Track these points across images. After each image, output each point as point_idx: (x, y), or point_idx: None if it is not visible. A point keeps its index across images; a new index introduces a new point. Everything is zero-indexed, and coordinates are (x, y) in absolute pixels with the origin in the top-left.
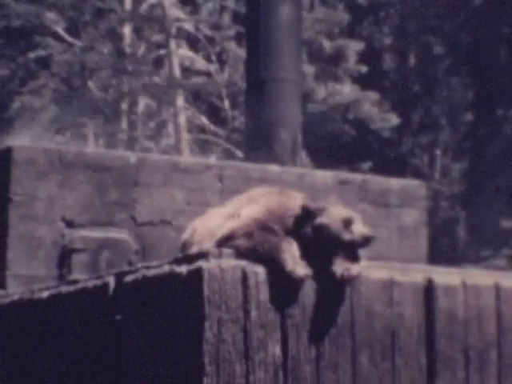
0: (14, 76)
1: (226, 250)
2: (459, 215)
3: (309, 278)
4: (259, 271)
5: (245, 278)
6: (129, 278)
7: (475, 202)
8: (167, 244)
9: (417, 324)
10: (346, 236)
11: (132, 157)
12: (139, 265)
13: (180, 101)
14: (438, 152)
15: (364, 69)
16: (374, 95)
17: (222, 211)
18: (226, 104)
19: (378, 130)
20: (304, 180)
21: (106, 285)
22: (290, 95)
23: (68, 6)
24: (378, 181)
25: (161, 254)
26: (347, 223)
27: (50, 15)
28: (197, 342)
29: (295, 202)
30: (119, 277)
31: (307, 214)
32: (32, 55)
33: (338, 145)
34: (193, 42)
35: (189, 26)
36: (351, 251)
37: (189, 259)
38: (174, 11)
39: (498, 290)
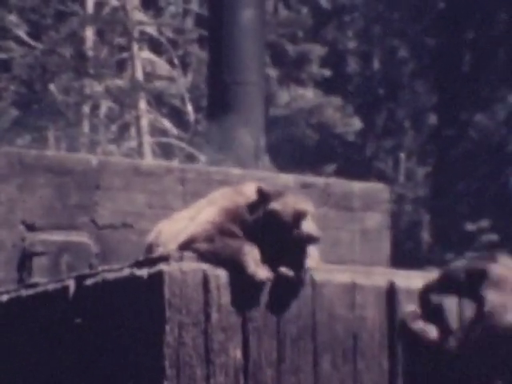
0: None
1: (187, 253)
2: (423, 219)
3: (270, 281)
4: (220, 274)
5: (206, 281)
6: (89, 282)
7: (439, 206)
8: (128, 247)
9: (379, 327)
10: (293, 231)
11: (93, 160)
12: (100, 268)
13: (142, 104)
14: (402, 156)
15: (327, 73)
16: (337, 100)
17: (187, 214)
18: (189, 107)
19: (342, 133)
20: (266, 183)
21: (66, 288)
22: (253, 99)
23: (29, 9)
24: (340, 184)
25: (122, 258)
26: (298, 216)
27: (12, 18)
28: (157, 345)
29: (248, 193)
30: (79, 280)
31: (262, 197)
32: None
33: (301, 148)
34: (156, 46)
35: (152, 30)
36: (299, 247)
37: (150, 262)
38: (137, 14)
39: None
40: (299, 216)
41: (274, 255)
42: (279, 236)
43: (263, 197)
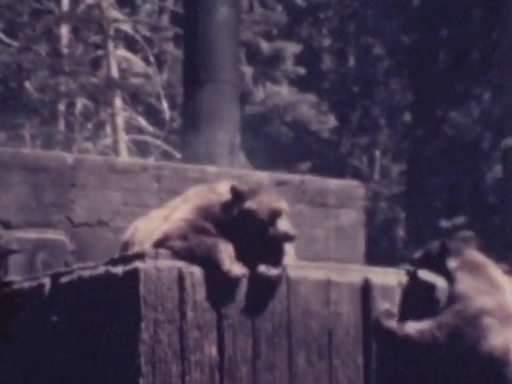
0: None
1: (163, 251)
2: (398, 216)
3: (245, 277)
4: (195, 271)
5: (181, 278)
6: (65, 279)
7: (414, 203)
8: (104, 245)
9: (354, 324)
10: (270, 229)
11: (69, 157)
12: (75, 266)
13: (118, 102)
14: (377, 153)
15: (302, 70)
16: (311, 97)
17: (163, 212)
18: (165, 105)
19: (317, 131)
20: (241, 181)
21: (41, 286)
22: (228, 96)
23: (5, 7)
24: (315, 181)
25: (97, 255)
26: (274, 215)
27: None
28: (133, 342)
29: (222, 192)
30: (55, 278)
31: (236, 196)
32: None
33: (276, 146)
34: (131, 43)
35: (127, 27)
36: (274, 245)
37: (125, 260)
38: (112, 12)
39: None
40: (275, 215)
41: (249, 252)
42: (255, 234)
43: (238, 196)
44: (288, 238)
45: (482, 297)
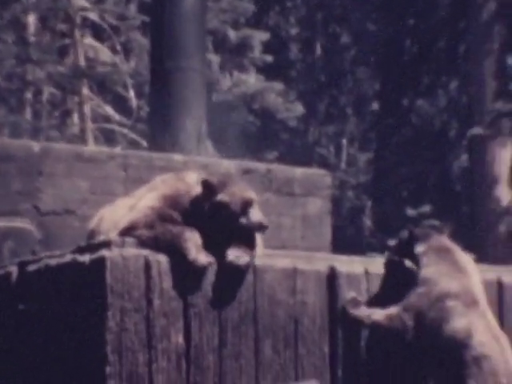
0: None
1: (129, 239)
2: (365, 204)
3: (211, 265)
4: (162, 260)
5: (147, 266)
6: (32, 268)
7: (381, 192)
8: (71, 233)
9: (320, 312)
10: (243, 220)
11: (35, 146)
12: (42, 254)
13: (85, 90)
14: (345, 142)
15: (269, 59)
16: (279, 85)
17: (128, 201)
18: (132, 94)
19: (284, 119)
20: (208, 169)
21: (9, 274)
22: (195, 85)
23: None
24: (282, 170)
25: (65, 244)
26: (246, 205)
27: None
28: (99, 330)
29: (190, 182)
30: (22, 266)
31: (207, 190)
32: None
33: (243, 134)
34: (98, 32)
35: (94, 16)
36: (246, 235)
37: (92, 248)
38: (79, 1)
39: None
40: (247, 205)
41: (218, 241)
42: (227, 225)
43: (209, 189)
44: (261, 227)
45: (447, 280)
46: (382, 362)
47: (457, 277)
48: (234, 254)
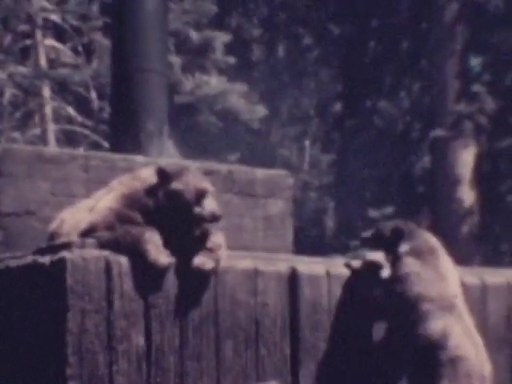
0: None
1: (90, 241)
2: (328, 206)
3: (172, 266)
4: (122, 261)
5: (108, 268)
6: None
7: (343, 193)
8: (31, 235)
9: (281, 313)
10: (196, 209)
11: None
12: (3, 255)
13: (46, 91)
14: (307, 143)
15: (232, 60)
16: (241, 87)
17: (89, 203)
18: (93, 95)
19: (247, 121)
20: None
21: None
22: (156, 86)
23: None
24: (243, 171)
25: (25, 245)
26: (200, 195)
27: None
28: (60, 332)
29: (146, 177)
30: None
31: (162, 177)
32: None
33: (205, 136)
34: (60, 33)
35: (55, 17)
36: (200, 226)
37: (52, 250)
38: (41, 1)
39: None
40: (201, 194)
41: (178, 239)
42: (181, 215)
43: (164, 177)
44: (215, 218)
45: (425, 284)
46: (350, 360)
47: (436, 281)
48: (201, 260)
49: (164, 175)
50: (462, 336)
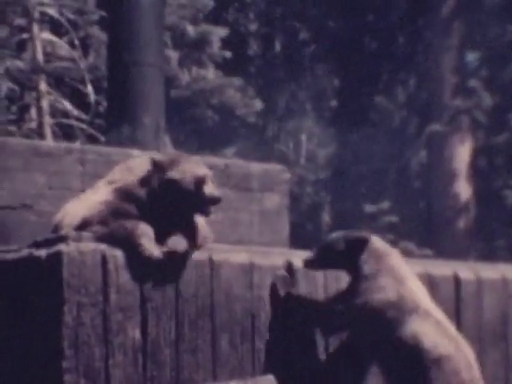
0: None
1: (86, 234)
2: (324, 200)
3: (166, 260)
4: (118, 255)
5: (104, 261)
6: None
7: (340, 188)
8: (28, 228)
9: None
10: (195, 197)
11: None
12: None
13: (43, 85)
14: (304, 138)
15: (228, 54)
16: (237, 81)
17: (93, 195)
18: (90, 89)
19: (243, 115)
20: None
21: None
22: (153, 80)
23: None
24: (240, 165)
25: (21, 239)
26: (199, 182)
27: None
28: (56, 325)
29: (139, 168)
30: None
31: (157, 168)
32: None
33: (201, 130)
34: (56, 27)
35: (52, 11)
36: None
37: (48, 243)
38: None
39: None
40: (200, 182)
41: (170, 231)
42: (178, 205)
43: (158, 167)
44: (215, 200)
45: (384, 290)
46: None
47: (394, 284)
48: (173, 241)
49: (159, 166)
50: (435, 334)
